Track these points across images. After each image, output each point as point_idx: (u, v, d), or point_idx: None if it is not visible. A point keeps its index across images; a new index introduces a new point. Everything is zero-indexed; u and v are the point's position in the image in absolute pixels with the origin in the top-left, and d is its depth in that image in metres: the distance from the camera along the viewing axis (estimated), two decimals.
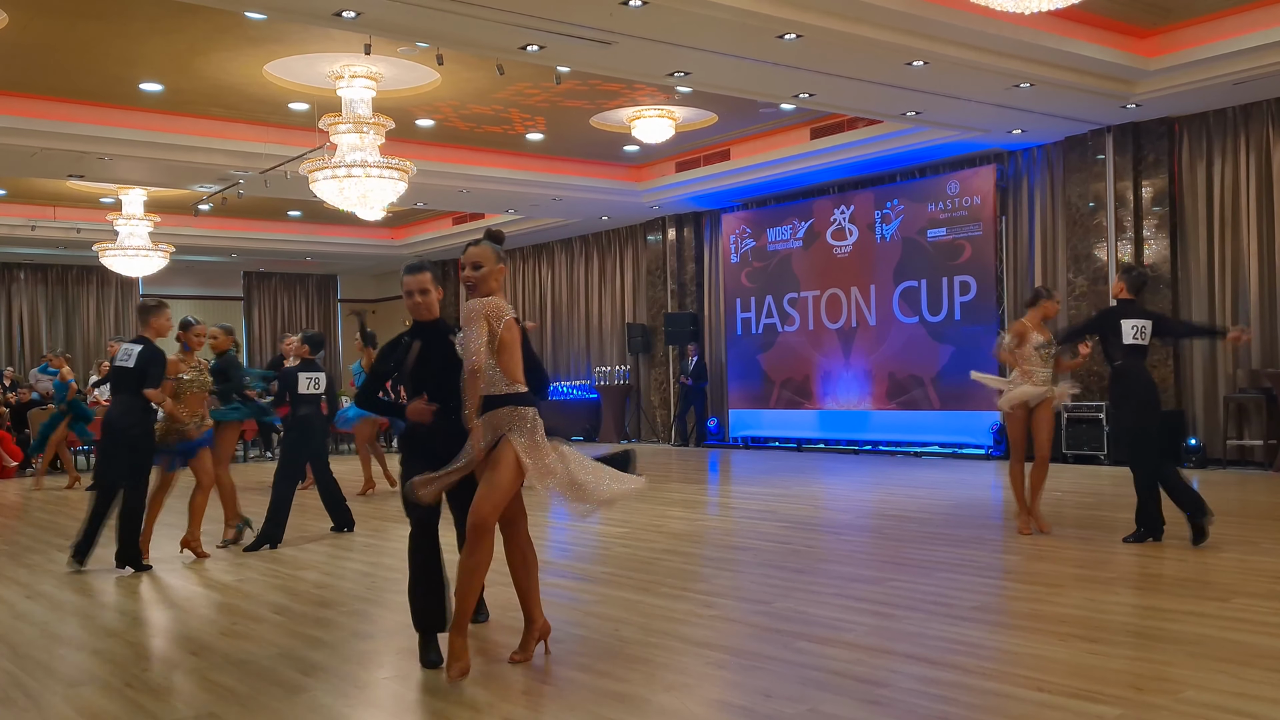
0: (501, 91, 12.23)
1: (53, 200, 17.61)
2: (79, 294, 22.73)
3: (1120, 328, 6.99)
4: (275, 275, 24.95)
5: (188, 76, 11.44)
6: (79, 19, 9.69)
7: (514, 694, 4.09)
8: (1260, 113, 11.69)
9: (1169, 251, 12.28)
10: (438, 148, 14.69)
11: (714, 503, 10.07)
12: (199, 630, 5.31)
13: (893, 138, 13.66)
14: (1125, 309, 7.11)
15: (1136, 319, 7.04)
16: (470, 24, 8.67)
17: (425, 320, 4.73)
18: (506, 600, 5.29)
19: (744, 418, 17.25)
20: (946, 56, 9.76)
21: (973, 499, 9.87)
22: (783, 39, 9.20)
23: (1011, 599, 5.64)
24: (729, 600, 5.65)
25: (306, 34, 10.11)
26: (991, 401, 13.86)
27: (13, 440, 15.25)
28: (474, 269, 4.40)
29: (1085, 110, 11.86)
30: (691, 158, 16.06)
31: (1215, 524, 6.93)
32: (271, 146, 13.16)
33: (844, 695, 3.94)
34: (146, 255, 16.77)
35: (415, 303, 4.70)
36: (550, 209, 17.80)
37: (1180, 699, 3.79)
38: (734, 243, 17.36)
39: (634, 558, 6.99)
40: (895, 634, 4.83)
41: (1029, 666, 4.24)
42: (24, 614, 5.84)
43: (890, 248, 15.04)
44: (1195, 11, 10.32)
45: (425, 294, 4.69)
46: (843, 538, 7.96)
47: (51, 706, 4.11)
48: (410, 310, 4.75)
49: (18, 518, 10.43)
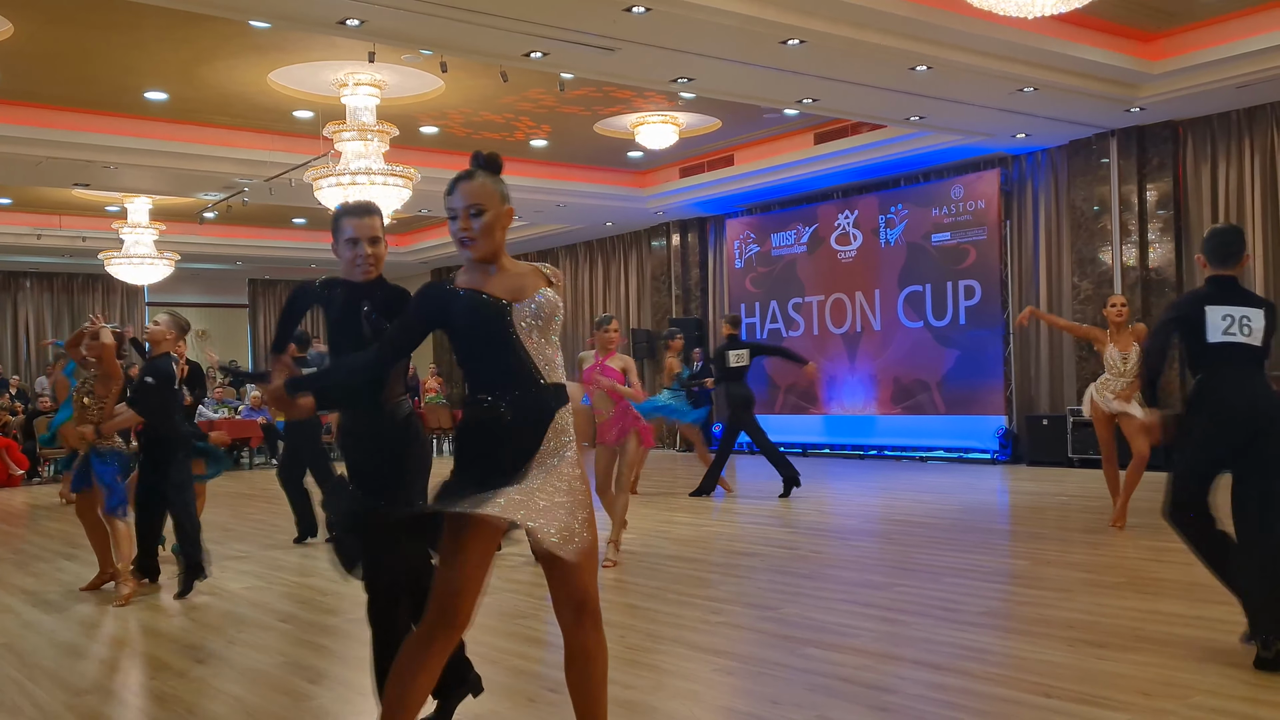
0: (505, 98, 12.24)
1: (58, 209, 17.66)
2: (85, 302, 22.77)
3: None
4: (280, 283, 24.99)
5: (193, 85, 11.47)
6: (84, 28, 9.72)
7: (520, 701, 4.08)
8: (1264, 116, 11.68)
9: (1174, 255, 12.26)
10: (442, 154, 14.70)
11: (719, 508, 10.06)
12: (205, 638, 5.31)
13: (896, 142, 13.66)
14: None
15: None
16: (474, 31, 8.69)
17: (370, 280, 3.67)
18: (510, 607, 5.28)
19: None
20: (950, 61, 9.76)
21: (979, 503, 9.85)
22: (786, 44, 9.20)
23: (1019, 604, 5.63)
24: (736, 606, 5.64)
25: (311, 42, 10.13)
26: (997, 406, 13.93)
27: (19, 449, 15.28)
28: (474, 215, 3.05)
29: (1089, 114, 11.85)
30: (695, 163, 16.07)
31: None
32: (276, 154, 13.19)
33: (851, 701, 3.93)
34: (152, 263, 16.81)
35: (363, 255, 3.62)
36: (555, 215, 17.81)
37: (1189, 704, 3.77)
38: (738, 248, 17.36)
39: (640, 564, 6.98)
40: (902, 639, 4.82)
41: (1037, 672, 4.23)
42: (31, 622, 5.84)
43: (895, 252, 15.03)
44: (1199, 15, 10.32)
45: (376, 244, 3.67)
46: (849, 543, 7.95)
47: (58, 715, 4.11)
48: (349, 266, 3.66)
49: (25, 526, 10.44)
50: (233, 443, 16.30)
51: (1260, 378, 4.51)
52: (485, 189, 3.09)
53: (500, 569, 4.34)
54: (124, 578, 6.28)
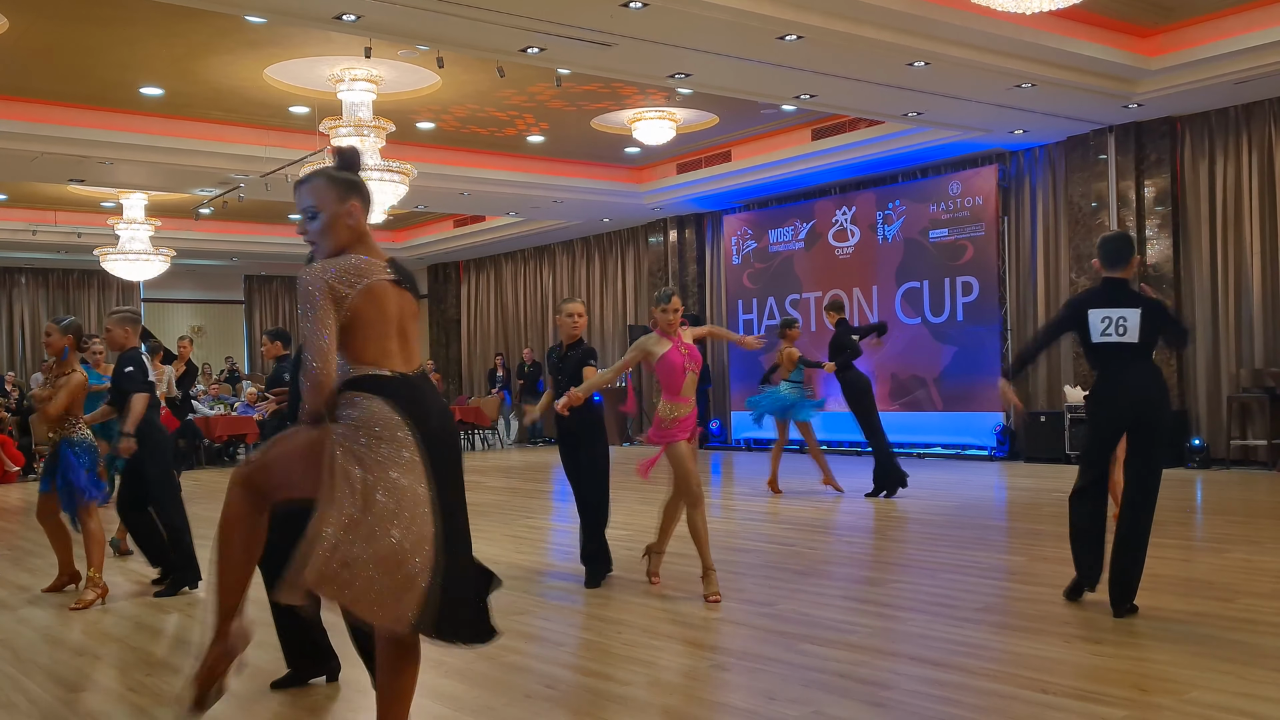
0: (502, 93, 12.22)
1: (54, 204, 17.63)
2: (80, 298, 22.75)
3: None
4: (276, 279, 24.95)
5: (188, 80, 11.44)
6: (79, 23, 9.69)
7: (517, 698, 4.07)
8: (1262, 112, 11.67)
9: (1171, 251, 12.26)
10: (438, 150, 14.69)
11: (716, 505, 10.06)
12: (199, 635, 5.30)
13: (894, 138, 13.65)
14: None
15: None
16: (470, 26, 8.66)
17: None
18: (506, 604, 5.27)
19: (746, 420, 17.19)
20: (948, 57, 9.75)
21: (976, 500, 9.85)
22: (784, 40, 9.19)
23: (1015, 600, 5.63)
24: (732, 602, 5.63)
25: (307, 37, 10.11)
26: (995, 402, 13.92)
27: (14, 445, 15.25)
28: (309, 218, 3.09)
29: (1087, 110, 11.84)
30: (693, 159, 16.05)
31: (1220, 524, 6.91)
32: (272, 150, 13.16)
33: (848, 697, 3.92)
34: (147, 259, 16.77)
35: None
36: (551, 211, 17.79)
37: (1185, 700, 3.77)
38: (735, 244, 17.35)
39: (637, 560, 6.98)
40: (899, 636, 4.82)
41: (1033, 668, 4.23)
42: (26, 618, 5.83)
43: (892, 248, 15.02)
44: (1196, 11, 10.31)
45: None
46: (846, 539, 7.95)
47: (53, 711, 4.10)
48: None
49: (20, 522, 10.42)
50: (229, 439, 16.31)
51: (1138, 370, 5.05)
52: (319, 190, 3.09)
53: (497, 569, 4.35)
54: (92, 582, 6.13)
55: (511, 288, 22.32)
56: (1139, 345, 5.03)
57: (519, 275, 22.15)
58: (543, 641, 4.96)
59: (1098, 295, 5.11)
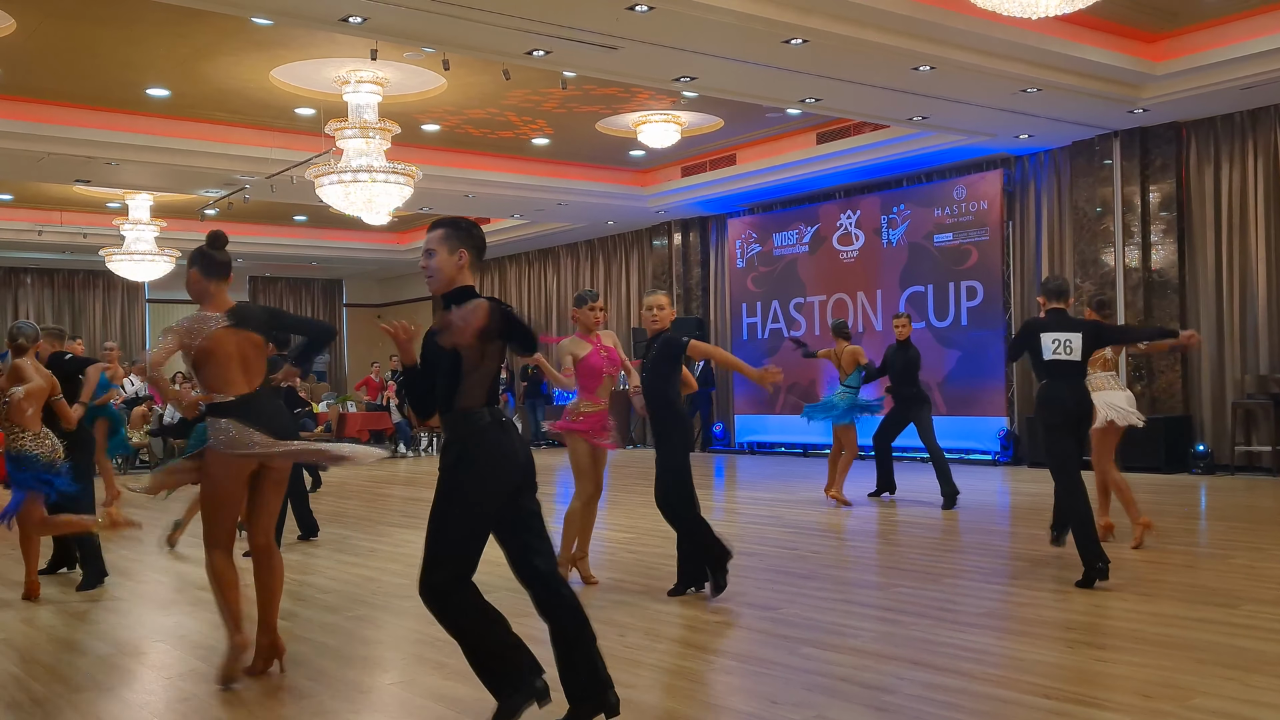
0: (507, 96, 12.24)
1: (59, 205, 17.67)
2: (85, 298, 22.79)
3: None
4: (281, 280, 24.97)
5: (194, 81, 11.47)
6: (85, 24, 9.72)
7: None
8: (1268, 117, 11.66)
9: (1176, 256, 12.24)
10: (444, 152, 14.71)
11: (720, 508, 10.05)
12: (205, 636, 5.31)
13: (899, 142, 13.65)
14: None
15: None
16: (476, 29, 8.68)
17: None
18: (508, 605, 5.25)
19: (750, 423, 17.23)
20: (953, 61, 9.75)
21: (979, 504, 9.85)
22: (789, 44, 9.19)
23: (1018, 605, 5.62)
24: (735, 606, 5.63)
25: (313, 39, 10.13)
26: (998, 407, 13.90)
27: None
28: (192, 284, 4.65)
29: (1092, 115, 11.83)
30: (697, 162, 16.06)
31: (1224, 529, 6.90)
32: (277, 151, 13.19)
33: (850, 701, 3.92)
34: (153, 260, 16.81)
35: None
36: (556, 213, 17.80)
37: (1188, 706, 3.77)
38: (740, 247, 17.35)
39: (639, 562, 6.98)
40: (901, 640, 4.81)
41: (1035, 673, 4.22)
42: (31, 619, 5.84)
43: (897, 253, 15.01)
44: (1202, 16, 10.31)
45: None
46: (849, 543, 7.95)
47: (59, 712, 4.11)
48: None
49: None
50: None
51: (1079, 383, 6.24)
52: (190, 276, 4.57)
53: (498, 569, 4.34)
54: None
55: (516, 290, 22.32)
56: (1080, 363, 6.14)
57: (523, 277, 22.16)
58: (544, 644, 4.96)
59: (1049, 322, 6.20)
